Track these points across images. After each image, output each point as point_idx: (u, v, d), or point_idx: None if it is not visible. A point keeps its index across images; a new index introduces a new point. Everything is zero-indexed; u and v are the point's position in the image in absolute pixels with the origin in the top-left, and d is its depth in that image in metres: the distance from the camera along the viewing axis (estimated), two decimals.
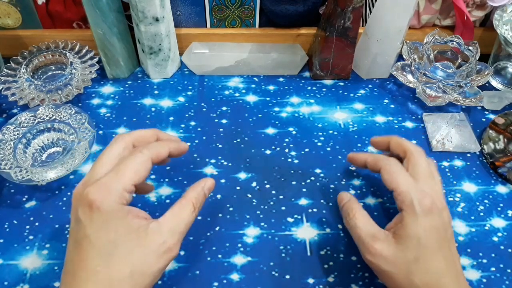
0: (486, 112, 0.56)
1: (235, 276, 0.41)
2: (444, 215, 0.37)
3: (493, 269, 0.42)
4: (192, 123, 0.54)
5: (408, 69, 0.57)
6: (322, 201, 0.46)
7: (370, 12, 0.58)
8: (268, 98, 0.57)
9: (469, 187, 0.48)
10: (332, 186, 0.48)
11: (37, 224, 0.44)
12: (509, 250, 0.43)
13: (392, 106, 0.57)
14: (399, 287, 0.35)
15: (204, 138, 0.52)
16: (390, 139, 0.43)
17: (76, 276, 0.31)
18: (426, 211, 0.35)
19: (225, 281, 0.40)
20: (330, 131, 0.53)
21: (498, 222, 0.45)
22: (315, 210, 0.46)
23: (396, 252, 0.35)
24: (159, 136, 0.39)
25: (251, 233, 0.44)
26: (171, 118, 0.54)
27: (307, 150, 0.51)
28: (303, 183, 0.48)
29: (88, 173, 0.35)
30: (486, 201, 0.47)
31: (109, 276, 0.31)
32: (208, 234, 0.43)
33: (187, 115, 0.54)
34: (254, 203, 0.46)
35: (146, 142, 0.37)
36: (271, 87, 0.58)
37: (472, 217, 0.46)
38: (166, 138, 0.40)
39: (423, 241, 0.35)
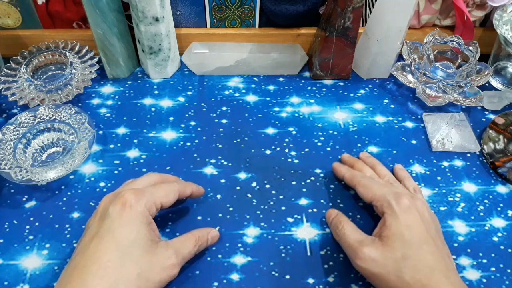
0: (486, 112, 0.56)
1: (235, 276, 0.41)
2: (424, 212, 0.39)
3: (493, 269, 0.42)
4: (192, 123, 0.54)
5: (408, 69, 0.57)
6: (322, 201, 0.46)
7: (370, 12, 0.58)
8: (268, 98, 0.57)
9: (469, 187, 0.48)
10: (332, 186, 0.48)
11: (37, 224, 0.44)
12: (509, 250, 0.43)
13: (392, 106, 0.57)
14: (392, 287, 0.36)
15: (204, 138, 0.52)
16: (344, 173, 0.46)
17: (86, 268, 0.33)
18: (404, 209, 0.38)
19: (225, 281, 0.40)
20: (330, 131, 0.53)
21: (498, 222, 0.45)
22: (315, 210, 0.46)
23: (383, 253, 0.36)
24: (179, 182, 0.44)
25: (251, 233, 0.44)
26: (171, 118, 0.54)
27: (307, 150, 0.51)
28: (303, 183, 0.48)
29: (130, 181, 0.41)
30: (486, 201, 0.47)
31: (118, 273, 0.33)
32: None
33: (187, 115, 0.54)
34: (254, 203, 0.46)
35: (170, 181, 0.42)
36: (271, 87, 0.58)
37: (472, 217, 0.46)
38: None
39: (407, 237, 0.36)
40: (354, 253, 0.38)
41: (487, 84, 0.59)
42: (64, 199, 0.46)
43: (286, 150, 0.51)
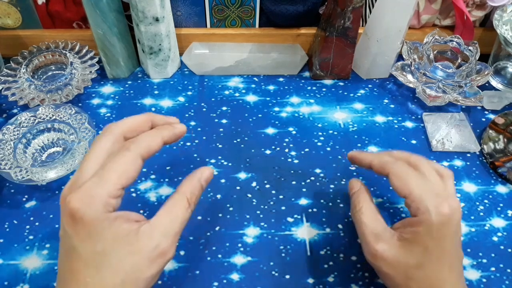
0: (486, 112, 0.56)
1: (235, 276, 0.41)
2: (458, 216, 0.34)
3: (493, 269, 0.42)
4: (192, 123, 0.54)
5: (408, 69, 0.57)
6: (322, 201, 0.46)
7: (370, 12, 0.58)
8: (268, 98, 0.57)
9: (469, 187, 0.48)
10: (332, 186, 0.48)
11: (37, 224, 0.44)
12: (509, 250, 0.43)
13: (392, 106, 0.57)
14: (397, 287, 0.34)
15: (204, 138, 0.52)
16: (372, 160, 0.39)
17: (68, 286, 0.30)
18: (443, 221, 0.33)
19: (225, 281, 0.40)
20: (330, 131, 0.53)
21: (498, 222, 0.45)
22: (315, 210, 0.46)
23: (398, 255, 0.34)
24: (154, 121, 0.35)
25: (251, 233, 0.44)
26: None
27: (307, 150, 0.51)
28: (303, 183, 0.48)
29: (75, 173, 0.32)
30: (486, 201, 0.47)
31: (99, 286, 0.29)
32: (208, 234, 0.43)
33: (187, 115, 0.55)
34: (254, 203, 0.46)
35: (139, 131, 0.34)
36: (271, 87, 0.58)
37: (472, 217, 0.46)
38: (162, 122, 0.36)
39: (431, 250, 0.33)
40: (366, 246, 0.35)
41: (487, 84, 0.59)
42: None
43: (286, 150, 0.51)
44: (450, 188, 0.36)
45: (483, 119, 0.55)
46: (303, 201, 0.46)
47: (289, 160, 0.50)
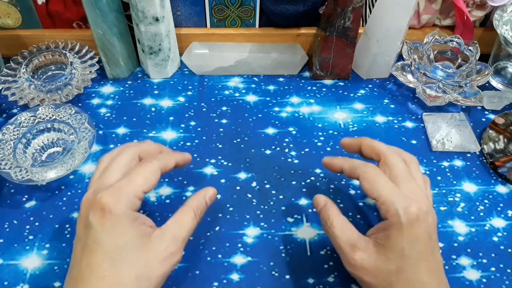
0: (486, 112, 0.56)
1: (235, 276, 0.41)
2: (430, 219, 0.35)
3: (493, 269, 0.42)
4: (192, 123, 0.54)
5: (408, 69, 0.57)
6: None
7: (370, 12, 0.58)
8: (268, 98, 0.57)
9: (469, 187, 0.48)
10: (332, 186, 0.48)
11: (37, 224, 0.44)
12: (509, 250, 0.43)
13: (392, 106, 0.57)
14: None
15: (204, 138, 0.52)
16: (361, 141, 0.40)
17: (84, 280, 0.32)
18: (412, 220, 0.33)
19: (225, 281, 0.40)
20: (330, 131, 0.53)
21: (498, 222, 0.45)
22: (315, 210, 0.45)
23: (376, 262, 0.34)
24: (162, 150, 0.41)
25: (251, 233, 0.44)
26: (171, 118, 0.54)
27: (307, 150, 0.51)
28: (303, 183, 0.48)
29: (97, 180, 0.36)
30: (486, 201, 0.47)
31: (116, 280, 0.32)
32: (208, 234, 0.43)
33: (187, 115, 0.54)
34: (254, 203, 0.46)
35: (151, 154, 0.39)
36: (271, 87, 0.58)
37: (472, 217, 0.46)
38: (168, 152, 0.42)
39: (407, 252, 0.33)
40: (345, 257, 0.35)
41: (487, 84, 0.59)
42: (64, 199, 0.46)
43: (286, 150, 0.51)
44: (419, 192, 0.36)
45: (483, 119, 0.55)
46: (303, 201, 0.46)
47: (289, 160, 0.50)
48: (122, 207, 0.33)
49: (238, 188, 0.47)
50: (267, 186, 0.48)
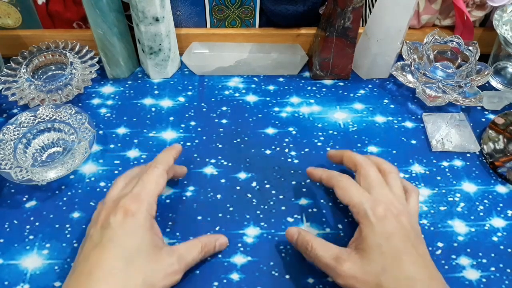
0: (486, 112, 0.56)
1: (235, 276, 0.41)
2: (402, 219, 0.37)
3: (493, 269, 0.42)
4: (192, 123, 0.54)
5: (408, 69, 0.57)
6: (322, 201, 0.46)
7: (370, 12, 0.58)
8: (268, 98, 0.57)
9: (469, 187, 0.48)
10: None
11: (37, 224, 0.44)
12: (509, 250, 0.43)
13: (392, 106, 0.57)
14: None
15: (204, 138, 0.52)
16: (343, 153, 0.44)
17: (92, 275, 0.33)
18: (380, 218, 0.36)
19: (225, 281, 0.40)
20: (330, 131, 0.53)
21: (498, 222, 0.45)
22: (315, 210, 0.46)
23: (362, 267, 0.35)
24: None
25: (251, 233, 0.44)
26: (171, 118, 0.54)
27: (307, 150, 0.51)
28: (303, 183, 0.48)
29: (116, 194, 0.39)
30: (485, 201, 0.47)
31: (124, 280, 0.33)
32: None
33: (187, 115, 0.55)
34: (254, 203, 0.46)
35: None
36: (271, 87, 0.58)
37: (472, 217, 0.46)
38: (164, 152, 0.44)
39: (385, 248, 0.35)
40: (333, 272, 0.36)
41: (487, 84, 0.59)
42: (64, 199, 0.46)
43: (286, 150, 0.51)
44: (391, 197, 0.39)
45: (483, 119, 0.55)
46: (303, 201, 0.46)
47: (289, 160, 0.50)
48: (144, 212, 0.36)
49: (238, 188, 0.47)
50: (267, 186, 0.48)
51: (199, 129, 0.53)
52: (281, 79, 0.60)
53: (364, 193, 0.39)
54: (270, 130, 0.53)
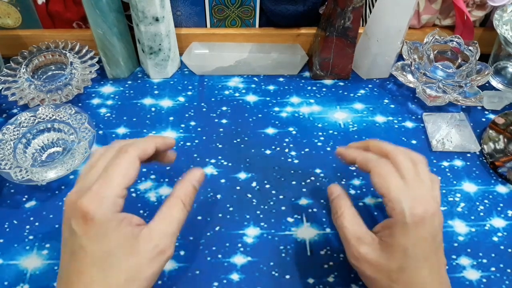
0: (486, 112, 0.56)
1: (235, 276, 0.41)
2: (436, 221, 0.35)
3: (493, 269, 0.42)
4: (192, 123, 0.54)
5: (408, 69, 0.57)
6: (322, 201, 0.46)
7: (370, 12, 0.58)
8: (268, 98, 0.57)
9: (469, 187, 0.48)
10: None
11: (37, 224, 0.44)
12: (509, 250, 0.43)
13: (392, 106, 0.57)
14: None
15: (204, 138, 0.52)
16: (369, 143, 0.40)
17: (73, 286, 0.31)
18: (417, 222, 0.33)
19: (225, 281, 0.40)
20: (330, 131, 0.53)
21: (498, 222, 0.45)
22: (315, 210, 0.46)
23: (380, 258, 0.34)
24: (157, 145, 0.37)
25: (251, 233, 0.44)
26: (171, 118, 0.54)
27: (307, 150, 0.51)
28: (303, 183, 0.48)
29: (82, 177, 0.34)
30: (486, 201, 0.47)
31: (104, 285, 0.31)
32: (208, 234, 0.43)
33: (187, 115, 0.54)
34: (254, 203, 0.46)
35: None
36: (271, 87, 0.58)
37: (472, 217, 0.46)
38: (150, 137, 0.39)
39: (410, 252, 0.33)
40: (349, 249, 0.36)
41: (487, 84, 0.58)
42: (64, 199, 0.46)
43: (286, 150, 0.51)
44: (425, 193, 0.36)
45: (483, 119, 0.55)
46: (303, 201, 0.46)
47: (289, 160, 0.50)
48: (104, 212, 0.31)
49: (238, 188, 0.47)
50: (267, 186, 0.48)
51: (199, 129, 0.53)
52: (281, 79, 0.60)
53: (403, 186, 0.35)
54: (270, 130, 0.53)
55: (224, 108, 0.55)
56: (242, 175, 0.48)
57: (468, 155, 0.51)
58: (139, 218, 0.34)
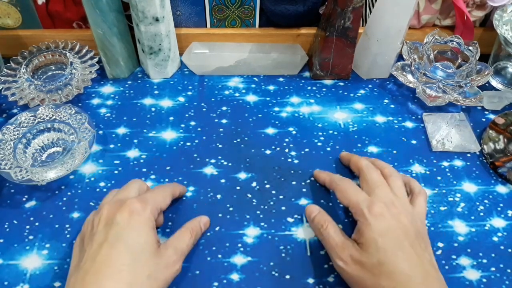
0: (486, 112, 0.56)
1: (235, 276, 0.41)
2: (402, 218, 0.38)
3: (493, 269, 0.42)
4: (192, 123, 0.54)
5: (408, 69, 0.57)
6: (322, 201, 0.46)
7: (370, 12, 0.58)
8: (268, 98, 0.57)
9: (469, 187, 0.48)
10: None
11: (37, 224, 0.44)
12: (509, 250, 0.43)
13: (392, 106, 0.57)
14: None
15: (204, 138, 0.52)
16: (350, 157, 0.47)
17: (100, 273, 0.33)
18: (376, 215, 0.38)
19: (225, 281, 0.40)
20: (330, 131, 0.53)
21: (498, 222, 0.45)
22: None
23: (361, 257, 0.37)
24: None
25: (251, 233, 0.44)
26: (171, 118, 0.54)
27: (307, 150, 0.51)
28: (303, 183, 0.48)
29: (115, 195, 0.40)
30: (486, 201, 0.47)
31: (131, 276, 0.34)
32: (208, 234, 0.43)
33: (187, 115, 0.54)
34: (254, 203, 0.46)
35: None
36: (271, 87, 0.58)
37: (472, 217, 0.46)
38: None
39: (380, 244, 0.36)
40: (336, 254, 0.39)
41: (487, 84, 0.59)
42: (64, 199, 0.46)
43: (286, 150, 0.51)
44: (391, 197, 0.40)
45: (483, 119, 0.55)
46: (303, 201, 0.46)
47: (289, 160, 0.50)
48: (148, 212, 0.38)
49: (238, 188, 0.47)
50: (267, 186, 0.48)
51: (199, 129, 0.53)
52: (281, 79, 0.60)
53: (362, 193, 0.41)
54: (270, 130, 0.53)
55: (224, 108, 0.55)
56: (242, 175, 0.48)
57: (468, 155, 0.51)
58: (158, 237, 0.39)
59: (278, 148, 0.51)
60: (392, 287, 0.34)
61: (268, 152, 0.51)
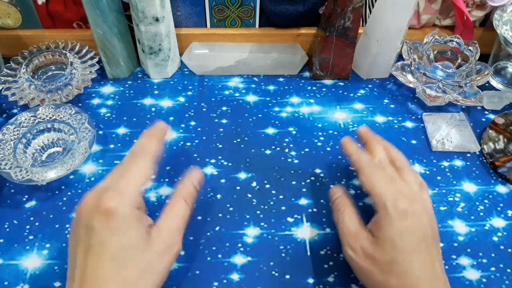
0: (486, 112, 0.56)
1: (235, 276, 0.41)
2: (423, 217, 0.36)
3: (493, 269, 0.42)
4: (192, 123, 0.54)
5: (408, 69, 0.57)
6: (322, 201, 0.46)
7: (370, 12, 0.58)
8: (268, 98, 0.57)
9: (469, 187, 0.48)
10: (332, 186, 0.48)
11: (37, 224, 0.44)
12: (509, 250, 0.43)
13: (392, 106, 0.57)
14: (376, 285, 0.35)
15: (204, 138, 0.52)
16: (367, 141, 0.44)
17: (90, 282, 0.32)
18: (400, 214, 0.35)
19: (225, 281, 0.40)
20: (330, 131, 0.53)
21: (498, 222, 0.45)
22: (315, 210, 0.46)
23: (374, 252, 0.36)
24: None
25: (251, 233, 0.44)
26: (171, 118, 0.54)
27: (307, 150, 0.51)
28: (303, 183, 0.48)
29: (96, 186, 0.36)
30: (486, 201, 0.47)
31: (121, 280, 0.32)
32: (208, 234, 0.43)
33: (187, 115, 0.55)
34: (254, 203, 0.46)
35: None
36: (271, 87, 0.58)
37: (472, 217, 0.46)
38: (147, 137, 0.40)
39: (398, 243, 0.35)
40: (347, 242, 0.38)
41: (487, 84, 0.59)
42: (64, 199, 0.46)
43: (286, 150, 0.51)
44: (423, 195, 0.39)
45: (483, 119, 0.55)
46: (303, 201, 0.46)
47: (289, 160, 0.50)
48: (126, 207, 0.33)
49: (238, 188, 0.47)
50: (267, 186, 0.48)
51: (199, 129, 0.53)
52: (281, 79, 0.60)
53: (387, 185, 0.38)
54: (270, 130, 0.53)
55: (224, 108, 0.55)
56: (242, 175, 0.48)
57: (468, 155, 0.51)
58: (150, 219, 0.36)
59: (278, 148, 0.51)
60: (400, 285, 0.34)
61: (268, 152, 0.51)
